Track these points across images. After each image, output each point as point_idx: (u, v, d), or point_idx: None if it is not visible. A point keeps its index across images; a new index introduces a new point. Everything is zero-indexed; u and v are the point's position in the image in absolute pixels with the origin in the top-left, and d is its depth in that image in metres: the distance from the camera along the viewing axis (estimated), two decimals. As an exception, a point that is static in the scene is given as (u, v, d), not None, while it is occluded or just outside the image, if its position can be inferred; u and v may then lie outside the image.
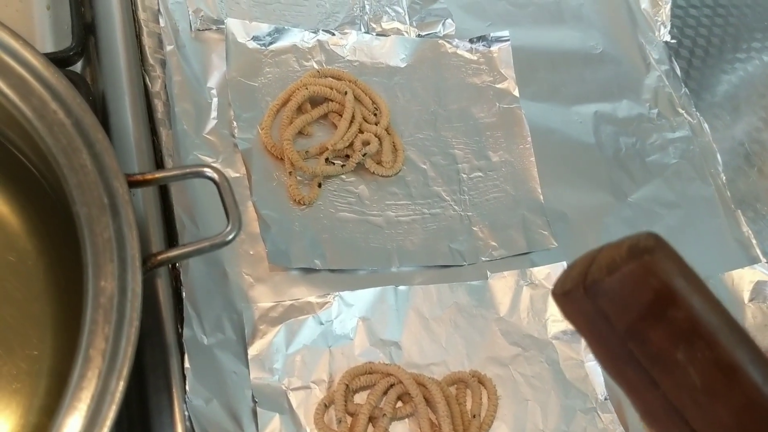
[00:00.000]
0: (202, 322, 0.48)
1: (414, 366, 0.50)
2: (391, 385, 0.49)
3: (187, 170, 0.39)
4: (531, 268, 0.55)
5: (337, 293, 0.51)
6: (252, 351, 0.48)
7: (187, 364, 0.45)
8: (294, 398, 0.47)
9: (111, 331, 0.33)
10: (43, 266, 0.41)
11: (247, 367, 0.48)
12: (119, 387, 0.32)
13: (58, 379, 0.39)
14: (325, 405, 0.48)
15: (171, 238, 0.51)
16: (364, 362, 0.49)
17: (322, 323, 0.50)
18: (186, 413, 0.44)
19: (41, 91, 0.37)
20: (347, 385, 0.48)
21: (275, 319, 0.50)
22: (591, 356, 0.52)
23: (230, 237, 0.38)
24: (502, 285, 0.54)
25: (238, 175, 0.55)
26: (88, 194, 0.35)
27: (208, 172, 0.39)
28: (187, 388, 0.44)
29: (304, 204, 0.55)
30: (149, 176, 0.38)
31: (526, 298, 0.54)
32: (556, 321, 0.53)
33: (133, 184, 0.37)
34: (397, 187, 0.57)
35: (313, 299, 0.51)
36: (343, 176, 0.57)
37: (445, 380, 0.50)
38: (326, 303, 0.51)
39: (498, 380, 0.51)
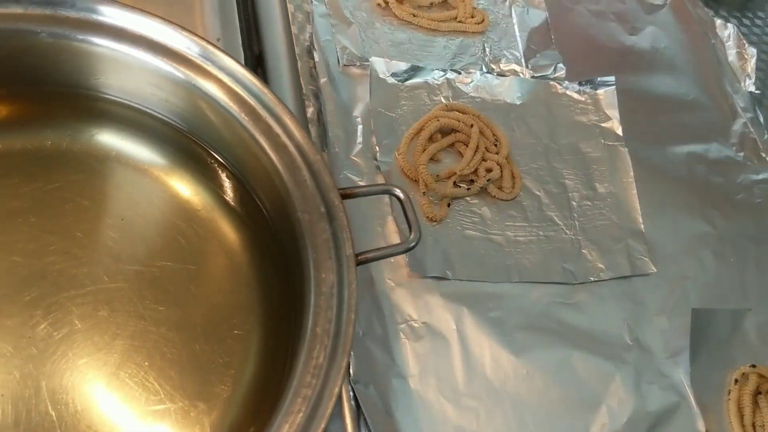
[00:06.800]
0: (358, 319, 0.56)
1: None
2: None
3: (382, 188, 0.47)
4: None
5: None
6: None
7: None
8: None
9: (333, 314, 0.40)
10: (246, 261, 0.49)
11: (390, 357, 0.55)
12: (343, 362, 0.39)
13: (265, 358, 0.46)
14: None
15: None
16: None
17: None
18: (351, 393, 0.52)
19: (267, 117, 0.45)
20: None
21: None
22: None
23: (414, 243, 0.46)
24: None
25: (379, 194, 0.63)
26: (308, 203, 0.43)
27: (397, 191, 0.47)
28: (351, 372, 0.52)
29: (435, 221, 0.63)
30: (350, 191, 0.46)
31: None
32: None
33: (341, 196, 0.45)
34: (515, 210, 0.65)
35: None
36: (468, 198, 0.64)
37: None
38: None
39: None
